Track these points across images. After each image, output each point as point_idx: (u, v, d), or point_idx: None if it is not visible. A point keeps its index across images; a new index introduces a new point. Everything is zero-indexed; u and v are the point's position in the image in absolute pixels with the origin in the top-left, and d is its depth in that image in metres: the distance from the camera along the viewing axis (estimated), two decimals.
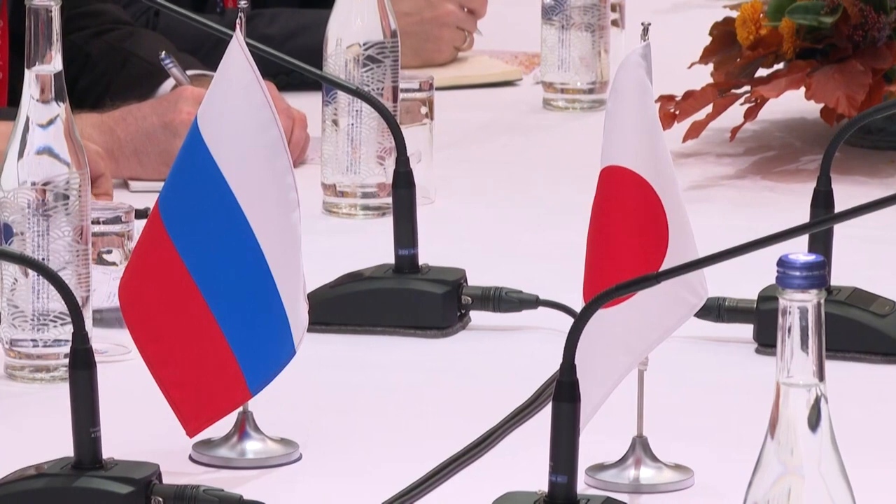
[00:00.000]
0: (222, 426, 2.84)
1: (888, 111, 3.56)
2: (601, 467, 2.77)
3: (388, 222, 3.25)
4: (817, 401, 2.16)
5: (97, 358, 2.68)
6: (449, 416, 2.99)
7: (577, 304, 2.60)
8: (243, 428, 2.84)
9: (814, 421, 2.16)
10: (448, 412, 3.00)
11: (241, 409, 2.83)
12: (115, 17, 3.95)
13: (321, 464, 2.86)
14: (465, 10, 4.40)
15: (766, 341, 2.97)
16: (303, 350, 2.82)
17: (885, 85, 3.61)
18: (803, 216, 2.94)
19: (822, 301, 2.15)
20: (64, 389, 2.68)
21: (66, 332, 2.71)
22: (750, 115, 3.76)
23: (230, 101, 2.74)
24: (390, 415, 3.03)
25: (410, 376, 3.13)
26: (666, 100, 3.48)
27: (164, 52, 3.86)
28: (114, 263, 3.10)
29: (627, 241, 2.64)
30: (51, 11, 2.95)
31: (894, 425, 2.88)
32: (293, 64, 3.39)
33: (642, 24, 2.69)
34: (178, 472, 2.74)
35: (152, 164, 3.49)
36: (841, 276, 2.90)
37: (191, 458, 2.83)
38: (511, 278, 3.24)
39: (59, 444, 2.69)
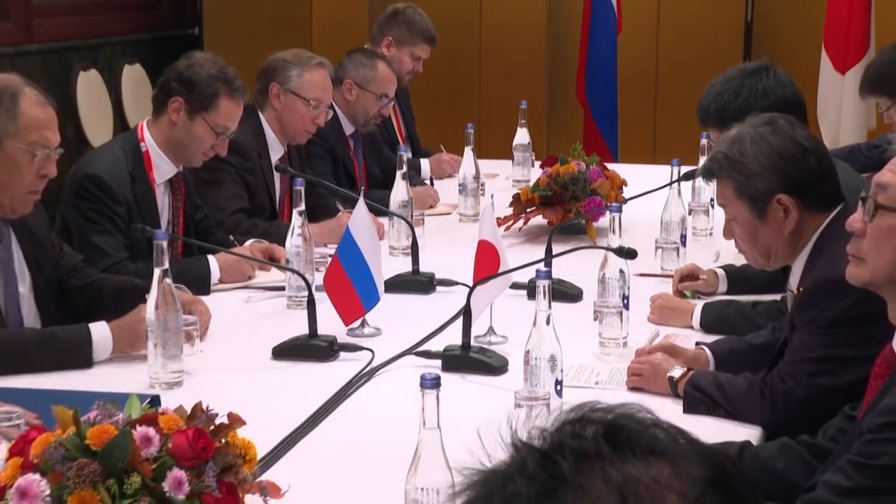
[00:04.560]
0: (356, 323, 2.75)
1: (568, 222, 3.55)
2: (479, 338, 2.65)
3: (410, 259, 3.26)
4: (549, 316, 2.17)
5: (316, 300, 2.65)
6: (431, 320, 2.84)
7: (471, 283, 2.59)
8: (363, 323, 2.75)
9: (548, 319, 2.17)
10: (430, 318, 2.86)
11: (362, 317, 2.75)
12: (331, 205, 3.97)
13: (389, 334, 2.76)
14: (437, 196, 4.34)
15: (532, 297, 2.96)
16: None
17: (568, 214, 3.60)
18: (541, 255, 2.93)
19: (549, 283, 2.18)
20: (304, 312, 2.65)
21: (304, 293, 2.70)
22: (525, 222, 3.72)
23: (359, 218, 2.73)
24: (412, 317, 2.90)
25: (418, 306, 3.01)
26: (498, 218, 3.47)
27: (341, 207, 3.84)
28: (322, 271, 3.08)
29: (486, 263, 2.62)
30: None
31: (572, 324, 2.70)
32: (378, 209, 3.37)
33: (490, 195, 2.69)
34: (342, 340, 2.66)
35: (334, 239, 3.47)
36: (556, 275, 2.89)
37: (346, 334, 2.72)
38: (452, 275, 3.22)
39: (303, 329, 2.63)
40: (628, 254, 2.64)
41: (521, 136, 4.62)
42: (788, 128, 2.33)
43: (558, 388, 2.19)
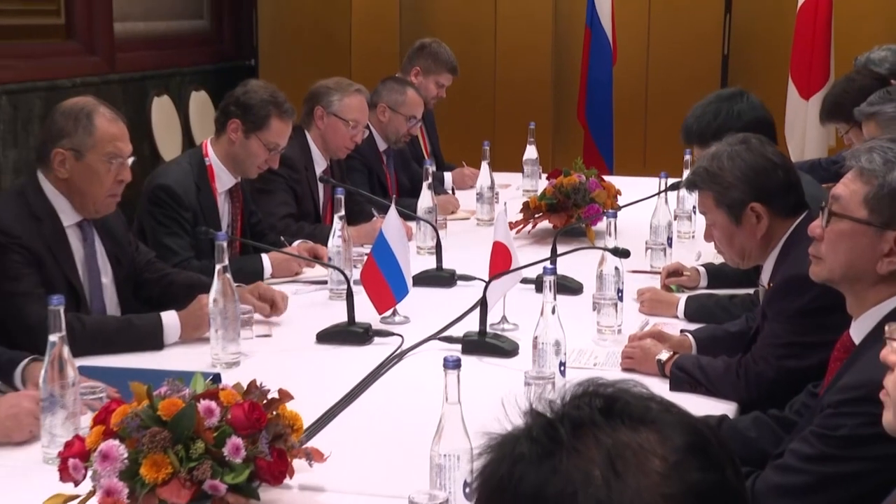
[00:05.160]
0: (388, 312, 2.73)
1: (570, 226, 3.52)
2: (493, 325, 2.63)
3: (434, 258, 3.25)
4: (554, 307, 2.16)
5: (354, 292, 2.65)
6: (450, 308, 2.83)
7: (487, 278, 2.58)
8: (394, 312, 2.73)
9: (553, 309, 2.14)
10: (452, 308, 2.84)
11: (393, 307, 2.73)
12: (367, 211, 3.97)
13: (417, 322, 2.73)
14: (458, 204, 4.35)
15: (539, 290, 2.94)
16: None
17: (570, 219, 3.59)
18: (547, 255, 2.92)
19: (554, 279, 2.15)
20: (344, 302, 2.65)
21: (344, 287, 2.68)
22: (534, 226, 3.72)
23: (391, 222, 2.73)
24: (436, 307, 2.87)
25: (441, 298, 2.98)
26: (511, 223, 3.45)
27: (376, 213, 3.85)
28: (359, 267, 3.06)
29: (500, 261, 2.61)
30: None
31: (574, 314, 2.66)
32: (407, 214, 3.36)
33: (504, 203, 2.67)
34: (376, 326, 2.65)
35: (369, 240, 3.45)
36: (560, 271, 2.86)
37: (380, 322, 2.71)
38: (470, 271, 3.22)
39: (342, 317, 2.64)
40: (622, 253, 2.63)
41: (530, 151, 4.60)
42: (760, 145, 2.32)
43: (562, 368, 2.19)
